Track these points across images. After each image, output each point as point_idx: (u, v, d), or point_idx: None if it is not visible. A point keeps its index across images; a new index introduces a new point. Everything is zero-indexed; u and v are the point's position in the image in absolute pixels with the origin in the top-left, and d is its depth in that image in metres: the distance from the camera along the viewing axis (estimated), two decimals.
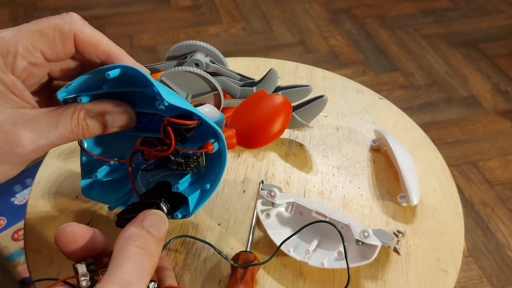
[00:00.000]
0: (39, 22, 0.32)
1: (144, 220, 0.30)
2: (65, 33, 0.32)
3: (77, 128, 0.33)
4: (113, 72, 0.32)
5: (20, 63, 0.32)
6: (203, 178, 0.39)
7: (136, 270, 0.27)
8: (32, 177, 0.51)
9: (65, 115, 0.32)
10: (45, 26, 0.32)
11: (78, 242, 0.30)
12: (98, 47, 0.34)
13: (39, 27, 0.32)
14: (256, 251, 0.44)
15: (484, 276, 1.04)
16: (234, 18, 1.76)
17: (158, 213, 0.31)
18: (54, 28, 0.32)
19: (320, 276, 0.42)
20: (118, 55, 0.35)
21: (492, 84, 1.51)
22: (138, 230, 0.29)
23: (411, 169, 0.49)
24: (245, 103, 0.43)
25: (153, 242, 0.29)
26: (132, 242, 0.28)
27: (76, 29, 0.33)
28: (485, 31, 1.74)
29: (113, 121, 0.34)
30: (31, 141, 0.31)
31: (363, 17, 1.79)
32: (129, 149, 0.39)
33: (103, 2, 1.82)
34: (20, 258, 0.95)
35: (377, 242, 0.40)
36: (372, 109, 0.60)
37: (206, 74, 0.50)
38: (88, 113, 0.33)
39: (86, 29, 0.33)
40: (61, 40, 0.32)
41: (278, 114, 0.41)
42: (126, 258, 0.27)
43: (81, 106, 0.33)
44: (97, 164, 0.41)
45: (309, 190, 0.50)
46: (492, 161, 1.27)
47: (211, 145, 0.36)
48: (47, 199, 0.48)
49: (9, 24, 1.69)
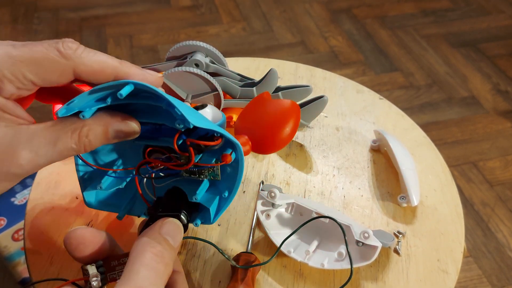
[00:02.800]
0: (33, 50, 0.29)
1: (162, 228, 0.30)
2: (62, 68, 0.30)
3: (78, 146, 0.31)
4: (125, 91, 0.30)
5: (7, 87, 0.29)
6: (218, 184, 0.38)
7: (152, 277, 0.27)
8: (32, 177, 0.51)
9: (65, 133, 0.30)
10: (40, 56, 0.29)
11: (87, 246, 0.30)
12: (103, 73, 0.32)
13: (32, 56, 0.29)
14: (257, 252, 0.44)
15: (484, 276, 1.04)
16: (234, 18, 1.76)
17: (175, 222, 0.31)
18: (50, 60, 0.30)
19: (320, 277, 0.42)
20: (126, 74, 0.32)
21: (492, 84, 1.51)
22: (155, 237, 0.29)
23: (411, 169, 0.49)
24: (252, 106, 0.42)
25: (169, 250, 0.29)
26: (150, 249, 0.28)
27: (75, 63, 0.30)
28: (485, 31, 1.74)
29: (116, 135, 0.33)
30: (29, 161, 0.29)
31: (363, 17, 1.79)
32: (131, 154, 0.39)
33: (103, 2, 1.82)
34: (20, 258, 0.95)
35: (377, 243, 0.40)
36: (372, 109, 0.60)
37: (206, 75, 0.50)
38: (90, 130, 0.31)
39: (86, 59, 0.31)
40: (57, 73, 0.30)
41: (289, 118, 0.40)
42: (142, 264, 0.27)
43: (83, 123, 0.31)
44: (98, 174, 0.39)
45: (309, 191, 0.50)
46: (492, 161, 1.27)
47: (229, 156, 0.34)
48: (47, 200, 0.48)
49: (9, 24, 1.69)
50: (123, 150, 0.40)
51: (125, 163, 0.40)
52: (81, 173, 0.39)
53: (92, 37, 1.64)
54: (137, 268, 0.27)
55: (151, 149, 0.36)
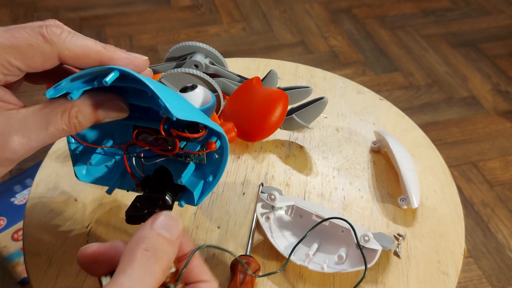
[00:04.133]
0: (16, 36, 0.29)
1: (153, 223, 0.29)
2: (46, 54, 0.30)
3: (68, 127, 0.31)
4: (110, 79, 0.30)
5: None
6: (204, 168, 0.39)
7: (140, 274, 0.25)
8: (32, 177, 0.51)
9: (55, 115, 0.31)
10: (23, 43, 0.29)
11: (100, 262, 0.29)
12: (88, 58, 0.32)
13: (16, 42, 0.29)
14: (256, 254, 0.44)
15: (484, 276, 1.03)
16: (234, 18, 1.76)
17: (168, 213, 0.30)
18: (34, 47, 0.30)
19: (320, 280, 0.42)
20: (111, 58, 0.32)
21: (492, 84, 1.51)
22: (147, 233, 0.28)
23: (412, 170, 0.49)
24: (241, 92, 0.43)
25: (163, 243, 0.28)
26: (139, 245, 0.27)
27: (59, 47, 0.30)
28: (485, 31, 1.74)
29: (106, 115, 0.33)
30: (22, 146, 0.30)
31: (363, 17, 1.79)
32: (120, 132, 0.39)
33: (103, 2, 1.81)
34: (20, 258, 0.95)
35: (377, 247, 0.39)
36: (372, 110, 0.60)
37: (205, 76, 0.50)
38: (79, 111, 0.32)
39: (69, 43, 0.31)
40: (42, 59, 0.30)
41: (276, 107, 0.41)
42: (130, 262, 0.26)
43: (71, 104, 0.31)
44: (88, 151, 0.40)
45: (309, 192, 0.50)
46: (492, 162, 1.27)
47: (214, 144, 0.36)
48: (46, 202, 0.48)
49: (8, 24, 1.68)
50: (112, 128, 0.40)
51: (114, 140, 0.40)
52: (72, 149, 0.40)
53: (92, 37, 1.61)
54: (124, 267, 0.25)
55: (139, 130, 0.37)
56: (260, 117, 0.41)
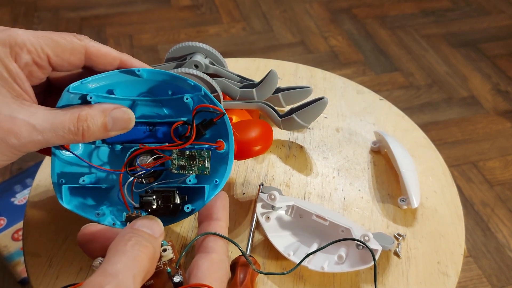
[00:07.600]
0: (54, 33, 0.34)
1: (135, 223, 0.30)
2: (76, 48, 0.35)
3: (75, 128, 0.32)
4: (144, 70, 0.36)
5: (25, 56, 0.32)
6: (204, 181, 0.39)
7: (124, 261, 0.26)
8: (32, 177, 0.51)
9: (63, 114, 0.32)
10: (58, 36, 0.34)
11: (95, 243, 0.30)
12: (110, 55, 0.36)
13: (52, 35, 0.34)
14: (256, 254, 0.44)
15: (484, 276, 1.04)
16: (234, 18, 1.76)
17: (148, 216, 0.31)
18: (68, 41, 0.34)
19: (320, 280, 0.42)
20: (129, 61, 0.37)
21: (492, 84, 1.51)
22: (128, 231, 0.28)
23: (412, 171, 0.49)
24: (240, 123, 0.49)
25: (146, 237, 0.28)
26: (123, 238, 0.27)
27: (87, 43, 0.35)
28: (485, 31, 1.74)
29: (114, 123, 0.34)
30: (26, 133, 0.30)
31: (363, 17, 1.79)
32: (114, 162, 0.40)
33: (103, 2, 1.81)
34: (20, 258, 0.95)
35: (377, 246, 0.39)
36: (372, 110, 0.60)
37: (205, 76, 0.50)
38: (89, 114, 0.33)
39: (96, 43, 0.36)
40: (71, 51, 0.34)
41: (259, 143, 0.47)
42: (114, 253, 0.26)
43: (81, 108, 0.33)
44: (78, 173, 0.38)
45: (309, 193, 0.50)
46: (492, 161, 1.27)
47: (222, 143, 0.38)
48: (46, 202, 0.48)
49: (9, 24, 1.69)
50: (107, 158, 0.40)
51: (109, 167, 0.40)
52: (58, 165, 0.38)
53: (92, 36, 1.62)
54: (109, 257, 0.26)
55: (137, 154, 0.37)
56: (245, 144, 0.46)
